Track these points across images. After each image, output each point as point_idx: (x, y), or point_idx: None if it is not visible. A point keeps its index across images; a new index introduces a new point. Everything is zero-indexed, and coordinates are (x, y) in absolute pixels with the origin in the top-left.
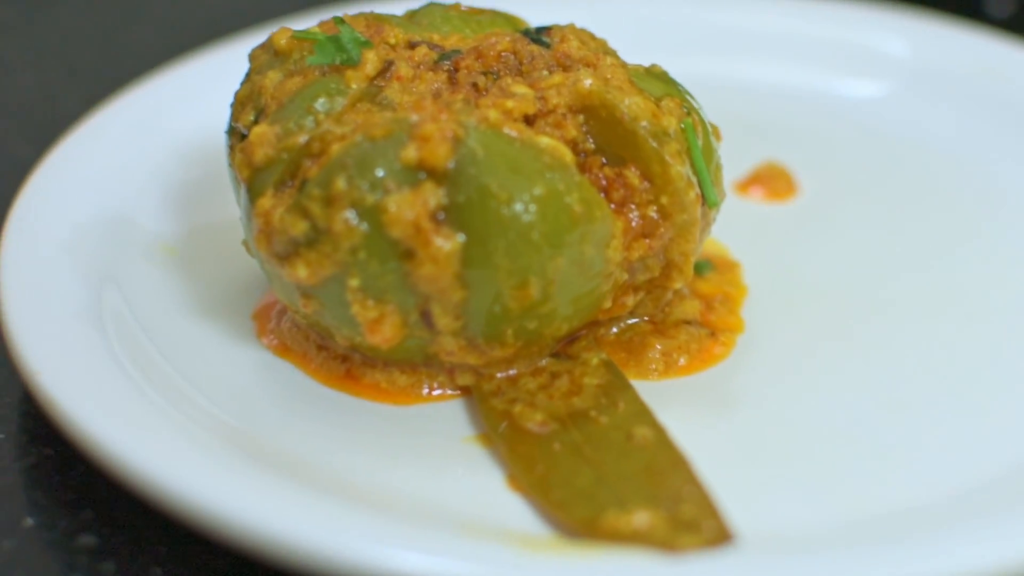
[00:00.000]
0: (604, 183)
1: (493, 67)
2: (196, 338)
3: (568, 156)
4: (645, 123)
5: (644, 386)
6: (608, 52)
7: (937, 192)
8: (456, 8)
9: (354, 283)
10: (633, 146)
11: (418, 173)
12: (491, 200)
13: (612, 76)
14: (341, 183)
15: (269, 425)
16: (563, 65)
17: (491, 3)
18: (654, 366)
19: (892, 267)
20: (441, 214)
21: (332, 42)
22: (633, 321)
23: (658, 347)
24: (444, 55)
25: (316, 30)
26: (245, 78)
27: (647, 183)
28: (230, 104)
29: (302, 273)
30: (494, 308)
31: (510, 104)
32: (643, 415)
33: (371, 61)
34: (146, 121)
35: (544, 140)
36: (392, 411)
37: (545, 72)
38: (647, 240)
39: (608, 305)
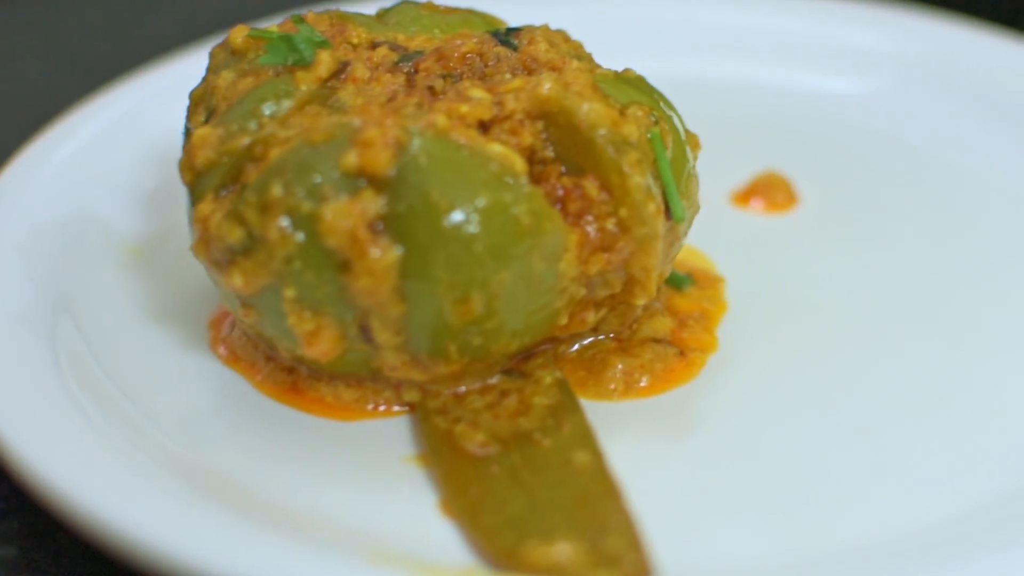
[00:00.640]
0: (561, 193)
1: (456, 69)
2: (148, 345)
3: (519, 165)
4: (604, 131)
5: (603, 407)
6: (580, 56)
7: (939, 201)
8: (429, 7)
9: (290, 294)
10: (591, 155)
11: (358, 180)
12: (431, 210)
13: (574, 81)
14: (277, 189)
15: (202, 438)
16: (528, 68)
17: (486, 4)
18: (613, 385)
19: (885, 287)
20: (380, 224)
21: (284, 42)
22: (599, 338)
23: (619, 366)
24: (405, 56)
25: (273, 29)
26: (203, 77)
27: (606, 194)
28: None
29: (238, 282)
30: (435, 323)
31: (464, 109)
32: (585, 439)
33: (324, 62)
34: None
35: (495, 147)
36: (335, 426)
37: (508, 75)
38: (605, 254)
39: (564, 321)
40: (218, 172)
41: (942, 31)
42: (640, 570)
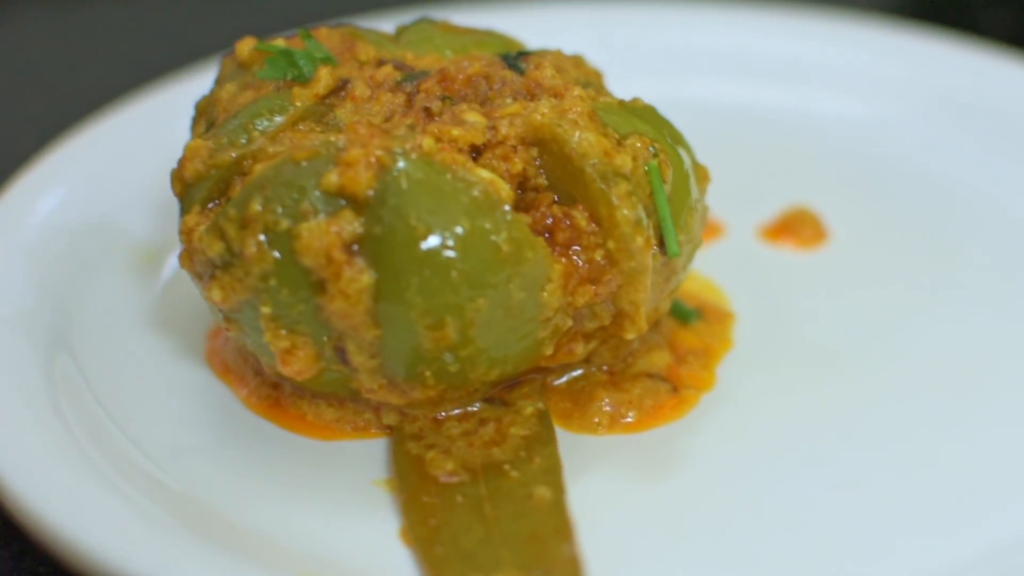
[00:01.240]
0: (550, 222)
1: (460, 91)
2: (144, 351)
3: (504, 192)
4: (595, 161)
5: (586, 440)
6: (589, 83)
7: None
8: (445, 27)
9: (266, 311)
10: (581, 185)
11: (338, 200)
12: (408, 233)
13: (571, 108)
14: (256, 205)
15: (175, 449)
16: (532, 93)
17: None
18: (598, 419)
19: (902, 335)
20: (356, 246)
21: (284, 56)
22: (592, 370)
23: (606, 400)
24: (408, 76)
25: (278, 42)
26: (211, 87)
27: (595, 225)
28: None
29: (216, 296)
30: (410, 348)
31: (455, 132)
32: (551, 474)
33: (323, 79)
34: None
35: (482, 173)
36: (312, 445)
37: (509, 100)
38: (593, 286)
39: (549, 352)
40: (206, 184)
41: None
42: None
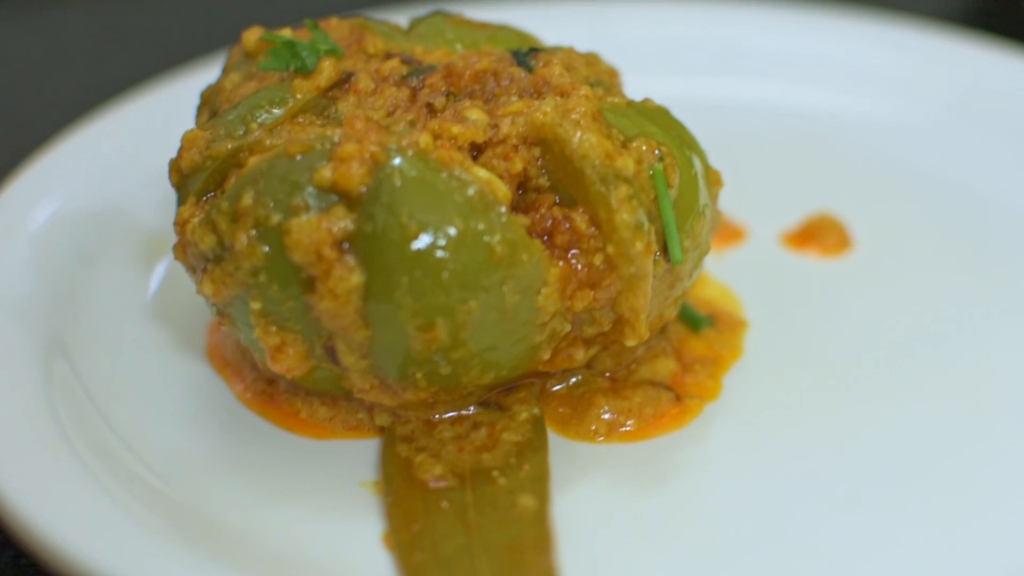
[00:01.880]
0: (550, 224)
1: (465, 87)
2: (141, 345)
3: (501, 192)
4: (595, 163)
5: (583, 448)
6: (599, 82)
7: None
8: (458, 20)
9: (256, 306)
10: (581, 187)
11: (331, 196)
12: (399, 232)
13: (575, 107)
14: (248, 199)
15: (165, 443)
16: (539, 92)
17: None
18: (595, 427)
19: (921, 349)
20: (347, 243)
21: (288, 48)
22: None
23: (606, 407)
24: (415, 71)
25: (284, 33)
26: (218, 76)
27: (595, 228)
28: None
29: (207, 290)
30: (400, 349)
31: (455, 129)
32: (538, 483)
33: (325, 71)
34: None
35: (480, 172)
36: (303, 443)
37: (514, 98)
38: (592, 291)
39: (547, 357)
40: (202, 176)
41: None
42: None
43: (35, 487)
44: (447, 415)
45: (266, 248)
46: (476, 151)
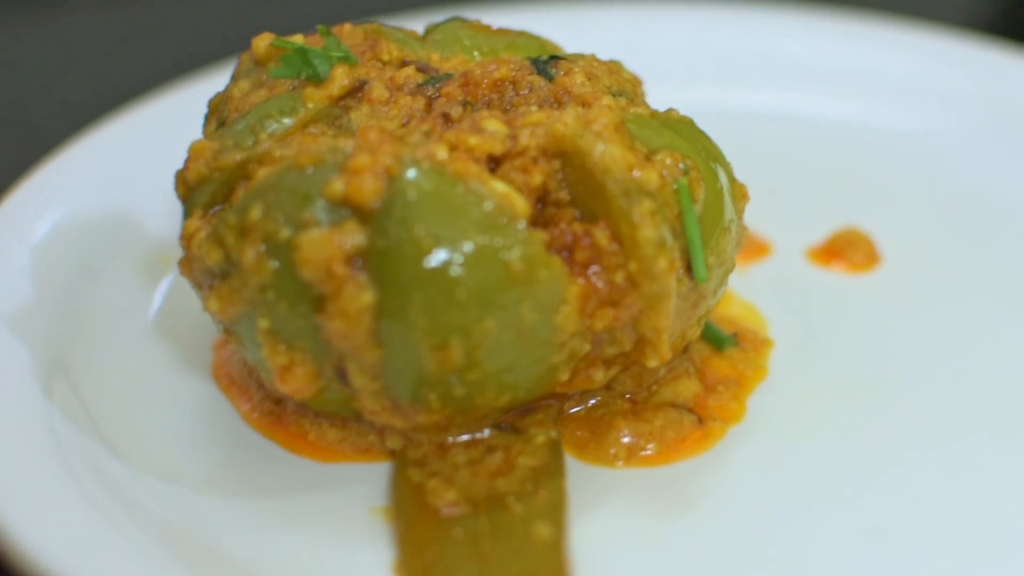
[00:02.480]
0: (570, 239)
1: (483, 96)
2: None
3: (520, 207)
4: (618, 176)
5: (602, 472)
6: (623, 92)
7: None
8: (475, 27)
9: (264, 324)
10: (603, 201)
11: (342, 210)
12: (413, 248)
13: (597, 119)
14: (257, 212)
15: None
16: (559, 101)
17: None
18: (614, 451)
19: (951, 370)
20: (359, 260)
21: (299, 55)
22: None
23: (625, 431)
24: (431, 79)
25: (296, 39)
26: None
27: (616, 245)
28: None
29: (214, 307)
30: (413, 370)
31: (472, 141)
32: (554, 511)
33: (338, 79)
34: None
35: (497, 186)
36: (312, 466)
37: (534, 107)
38: (613, 309)
39: (565, 378)
40: (209, 188)
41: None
42: None
43: (32, 512)
44: (461, 438)
45: (275, 264)
46: (494, 163)
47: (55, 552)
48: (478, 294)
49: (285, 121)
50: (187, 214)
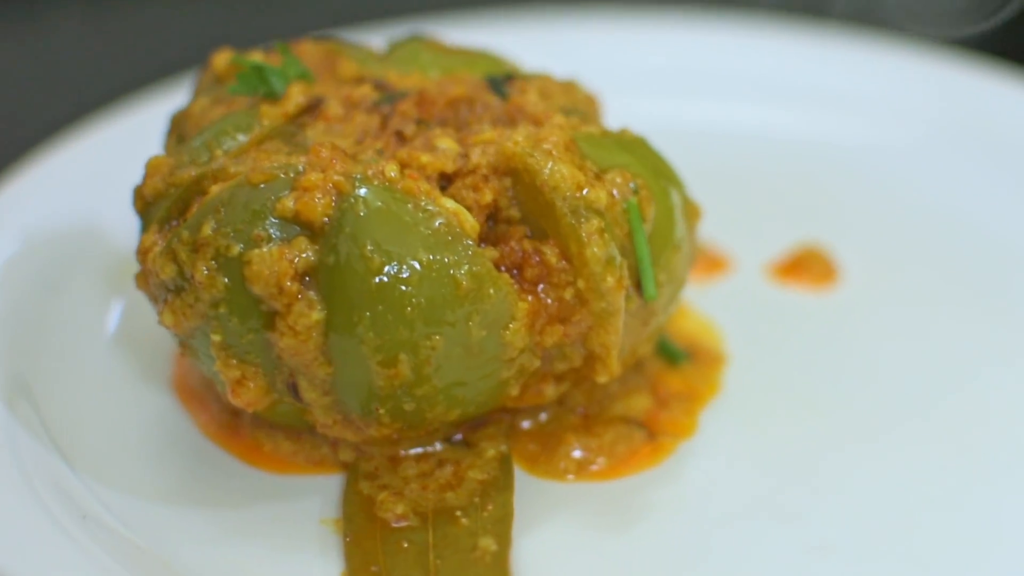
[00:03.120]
0: (520, 257)
1: (438, 115)
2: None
3: (469, 224)
4: (567, 194)
5: (552, 486)
6: (576, 110)
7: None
8: (434, 46)
9: (216, 338)
10: (552, 219)
11: (293, 227)
12: (362, 264)
13: (547, 137)
14: (209, 228)
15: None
16: (513, 120)
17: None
18: (564, 465)
19: (906, 389)
20: (308, 276)
21: (256, 72)
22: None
23: (576, 445)
24: (387, 97)
25: (255, 56)
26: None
27: (565, 262)
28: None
29: (168, 321)
30: (363, 385)
31: (424, 159)
32: (500, 524)
33: (294, 97)
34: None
35: (447, 204)
36: (265, 478)
37: (487, 126)
38: (562, 326)
39: (515, 393)
40: (165, 203)
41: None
42: None
43: None
44: (413, 451)
45: (226, 279)
46: (446, 181)
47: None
48: (426, 310)
49: (240, 138)
50: (144, 229)
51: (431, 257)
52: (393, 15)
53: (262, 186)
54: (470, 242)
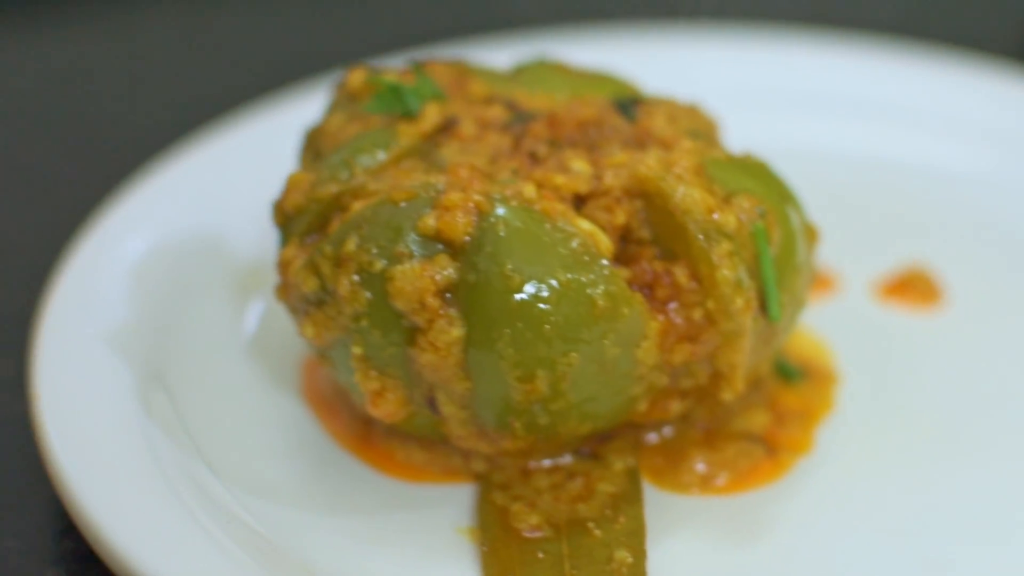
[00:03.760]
0: (650, 277)
1: (568, 136)
2: (238, 381)
3: (604, 244)
4: (698, 218)
5: (676, 501)
6: (700, 135)
7: None
8: (560, 68)
9: (357, 351)
10: (683, 241)
11: (435, 245)
12: (502, 282)
13: (678, 161)
14: (352, 244)
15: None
16: (641, 143)
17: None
18: (689, 479)
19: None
20: (448, 293)
21: (392, 92)
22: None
23: (699, 460)
24: (518, 117)
25: (390, 75)
26: (322, 115)
27: (695, 283)
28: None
29: (309, 333)
30: (500, 399)
31: (559, 180)
32: (634, 537)
33: (430, 116)
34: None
35: (584, 224)
36: (399, 487)
37: (617, 148)
38: (691, 345)
39: (643, 408)
40: (305, 218)
41: None
42: None
43: (132, 522)
44: (543, 463)
45: (369, 294)
46: (579, 202)
47: (156, 562)
48: (564, 328)
49: (379, 155)
50: (284, 242)
51: (569, 276)
52: (484, 30)
53: (403, 204)
54: (605, 262)
